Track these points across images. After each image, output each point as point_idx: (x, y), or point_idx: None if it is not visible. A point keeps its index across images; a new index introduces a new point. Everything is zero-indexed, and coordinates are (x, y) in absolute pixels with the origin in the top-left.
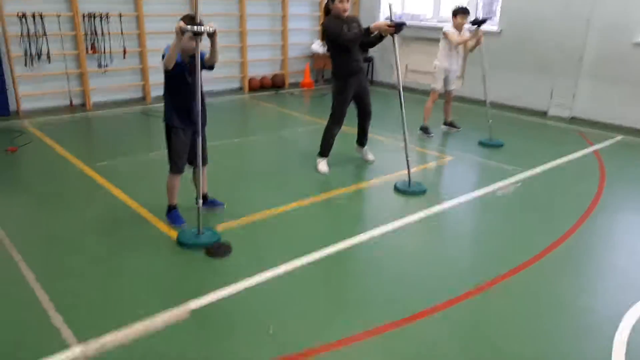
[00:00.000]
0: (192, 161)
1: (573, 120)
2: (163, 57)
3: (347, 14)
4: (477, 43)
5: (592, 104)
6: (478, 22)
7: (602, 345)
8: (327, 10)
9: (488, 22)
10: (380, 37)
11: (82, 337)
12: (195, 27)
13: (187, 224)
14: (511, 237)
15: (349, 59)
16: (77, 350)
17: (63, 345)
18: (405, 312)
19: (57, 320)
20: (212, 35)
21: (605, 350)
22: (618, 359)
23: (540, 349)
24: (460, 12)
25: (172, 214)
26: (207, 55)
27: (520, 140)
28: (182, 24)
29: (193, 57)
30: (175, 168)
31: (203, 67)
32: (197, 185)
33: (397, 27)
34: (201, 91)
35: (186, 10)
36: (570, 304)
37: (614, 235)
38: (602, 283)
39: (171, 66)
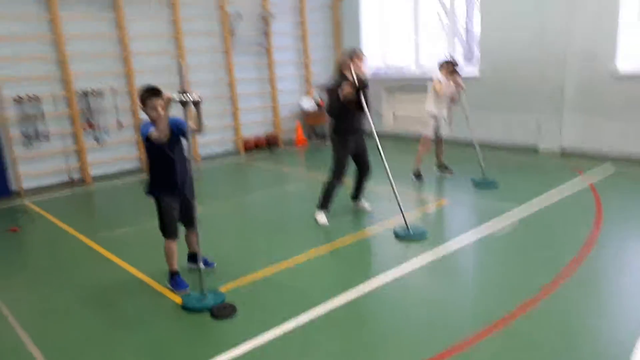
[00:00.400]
0: (184, 224)
1: (564, 153)
2: (144, 135)
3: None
4: (457, 89)
5: (579, 135)
6: (448, 66)
7: None
8: (343, 68)
9: (459, 67)
10: (357, 96)
11: None
12: (182, 95)
13: (190, 287)
14: (515, 275)
15: (347, 119)
16: None
17: None
18: (418, 356)
19: None
20: (197, 104)
21: None
22: None
23: None
24: (445, 64)
25: (174, 279)
26: (189, 125)
27: (514, 178)
28: (169, 94)
29: (171, 131)
30: (169, 233)
31: (184, 135)
32: (190, 246)
33: (357, 87)
34: (186, 161)
35: (176, 81)
36: (581, 330)
37: (616, 266)
38: (611, 309)
39: (165, 139)
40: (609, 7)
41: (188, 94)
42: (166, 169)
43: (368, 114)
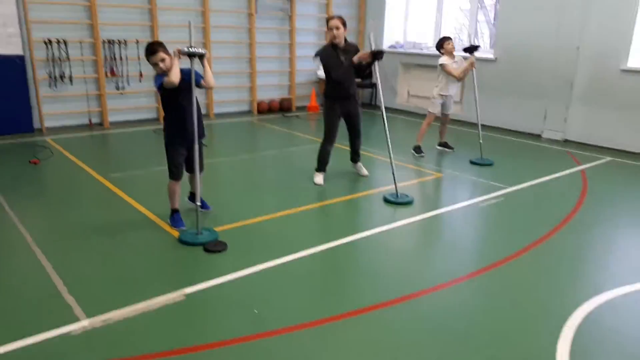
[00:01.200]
0: (189, 169)
1: (566, 142)
2: (158, 84)
3: (337, 40)
4: (470, 67)
5: (583, 127)
6: (470, 49)
7: (551, 332)
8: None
9: (479, 49)
10: (369, 64)
11: (91, 313)
12: (189, 49)
13: (188, 226)
14: (486, 241)
15: (337, 85)
16: (86, 322)
17: (75, 319)
18: (376, 300)
19: (70, 300)
20: (202, 57)
21: (553, 337)
22: (565, 345)
23: (497, 335)
24: (444, 40)
25: (174, 217)
26: (203, 78)
27: (511, 161)
28: (178, 48)
29: (184, 79)
30: (173, 175)
31: (198, 85)
32: (193, 188)
33: (374, 55)
34: (197, 107)
35: (199, 38)
36: (527, 298)
37: (584, 243)
38: (561, 282)
39: (177, 81)
40: (625, 5)
41: (195, 48)
42: (178, 116)
43: (379, 84)
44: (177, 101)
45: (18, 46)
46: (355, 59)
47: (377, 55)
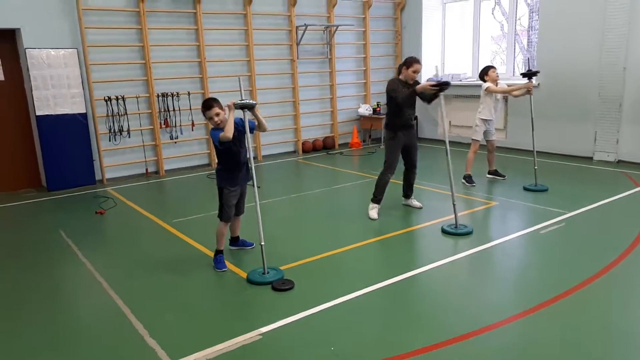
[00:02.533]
0: (235, 211)
1: (620, 163)
2: (216, 139)
3: (412, 81)
4: (527, 93)
5: (636, 147)
6: (529, 75)
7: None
8: (399, 71)
9: (523, 77)
10: (435, 94)
11: (174, 356)
12: (241, 101)
13: (254, 265)
14: (553, 269)
15: (400, 114)
16: None
17: None
18: (453, 333)
19: (152, 343)
20: (252, 107)
21: None
22: None
23: None
24: (490, 68)
25: (218, 258)
26: (256, 125)
27: (566, 185)
28: (232, 102)
29: (239, 131)
30: (226, 216)
31: (251, 131)
32: (233, 231)
33: (440, 86)
34: (246, 154)
35: (244, 87)
36: (605, 329)
37: None
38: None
39: (231, 135)
40: None
41: (245, 101)
42: (233, 162)
43: (444, 116)
44: (232, 148)
45: (81, 105)
46: (419, 88)
47: (443, 85)
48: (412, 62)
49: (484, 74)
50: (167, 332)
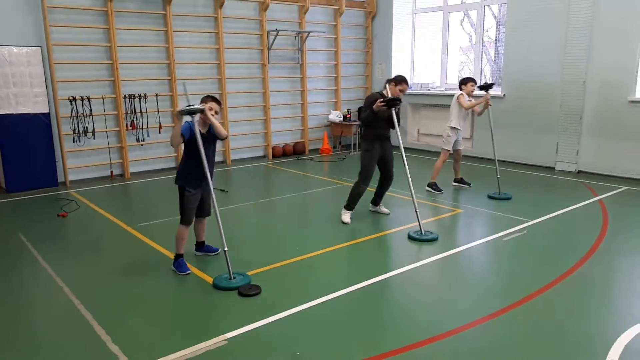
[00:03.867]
0: (198, 213)
1: (580, 173)
2: (186, 134)
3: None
4: (486, 106)
5: (595, 157)
6: (486, 87)
7: None
8: (385, 85)
9: (494, 87)
10: (389, 111)
11: None
12: (187, 107)
13: (221, 270)
14: (515, 275)
15: (376, 127)
16: None
17: None
18: (418, 337)
19: (115, 349)
20: (202, 112)
21: None
22: None
23: None
24: (469, 80)
25: (179, 262)
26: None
27: (529, 194)
28: (178, 109)
29: (207, 130)
30: (187, 220)
31: (215, 137)
32: (198, 235)
33: (388, 103)
34: (213, 156)
35: (215, 90)
36: (565, 331)
37: (612, 273)
38: (596, 313)
39: (177, 143)
40: (628, 38)
41: (192, 106)
42: (196, 163)
43: (397, 128)
44: (197, 149)
45: (44, 104)
46: (375, 108)
47: (392, 102)
48: (401, 81)
49: (463, 83)
50: (130, 338)
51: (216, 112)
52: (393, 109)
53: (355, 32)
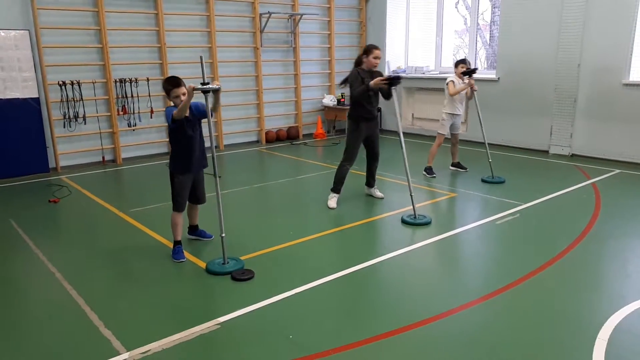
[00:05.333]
0: (192, 199)
1: (573, 157)
2: (170, 119)
3: (374, 69)
4: (472, 90)
5: (589, 141)
6: (469, 73)
7: (585, 345)
8: (358, 62)
9: (478, 71)
10: (389, 89)
11: (130, 346)
12: (205, 85)
13: (214, 256)
14: (508, 257)
15: (362, 106)
16: (126, 355)
17: (115, 353)
18: (411, 319)
19: (107, 334)
20: (217, 92)
21: (587, 350)
22: (599, 357)
23: (531, 350)
24: (460, 63)
25: (176, 249)
26: (210, 107)
27: (522, 177)
28: (192, 85)
29: (192, 112)
30: (179, 206)
31: (202, 116)
32: (191, 220)
33: (390, 81)
34: (201, 139)
35: (207, 73)
36: (557, 312)
37: (604, 256)
38: (587, 295)
39: (184, 115)
40: (622, 21)
41: (210, 84)
42: (185, 148)
43: (398, 110)
44: (186, 132)
45: (33, 89)
46: (372, 84)
47: (394, 80)
48: (371, 48)
49: (455, 66)
50: (122, 323)
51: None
52: (393, 88)
53: (349, 15)
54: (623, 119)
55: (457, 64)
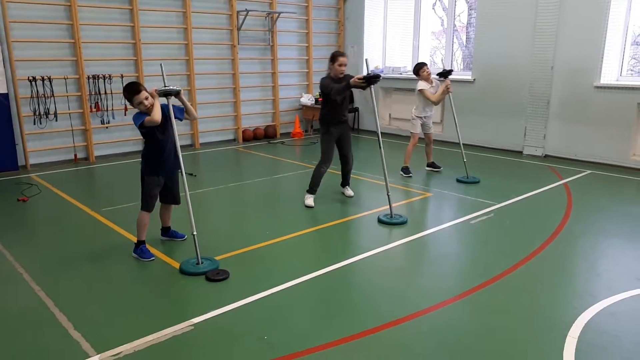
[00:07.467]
0: (167, 199)
1: (546, 158)
2: (137, 124)
3: (342, 75)
4: (447, 92)
5: (561, 142)
6: (445, 74)
7: (555, 343)
8: (329, 68)
9: (453, 73)
10: (363, 88)
11: (100, 348)
12: (164, 88)
13: (188, 255)
14: (482, 257)
15: (333, 111)
16: (96, 358)
17: (85, 355)
18: (385, 319)
19: (77, 336)
20: (177, 94)
21: (558, 348)
22: (569, 355)
23: (503, 347)
24: (420, 67)
25: (142, 248)
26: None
27: (496, 177)
28: (154, 89)
29: (164, 114)
30: (148, 206)
31: (179, 119)
32: (164, 221)
33: (368, 80)
34: (175, 142)
35: (182, 71)
36: (529, 311)
37: (575, 254)
38: (559, 293)
39: (160, 120)
40: (594, 26)
41: (168, 87)
42: (157, 150)
43: (376, 113)
44: (156, 135)
45: (2, 85)
46: (352, 82)
47: (372, 79)
48: (336, 55)
49: (416, 72)
50: (93, 325)
51: (152, 96)
52: (371, 86)
53: (327, 14)
54: (594, 121)
55: (420, 67)
